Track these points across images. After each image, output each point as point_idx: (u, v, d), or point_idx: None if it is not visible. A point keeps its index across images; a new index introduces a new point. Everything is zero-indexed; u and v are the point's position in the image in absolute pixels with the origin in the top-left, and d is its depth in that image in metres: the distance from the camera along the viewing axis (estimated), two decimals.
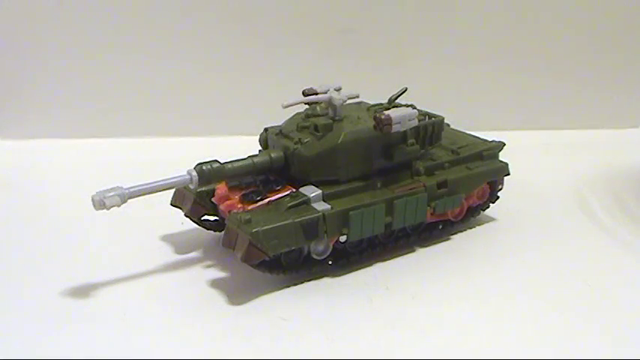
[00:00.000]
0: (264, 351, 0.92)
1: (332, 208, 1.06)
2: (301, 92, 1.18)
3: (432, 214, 1.18)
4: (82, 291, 1.06)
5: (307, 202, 1.06)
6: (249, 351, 0.92)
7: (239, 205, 1.09)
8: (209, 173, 1.05)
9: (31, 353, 0.91)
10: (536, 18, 1.88)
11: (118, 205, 0.98)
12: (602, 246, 1.24)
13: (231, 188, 1.13)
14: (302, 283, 1.09)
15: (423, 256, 1.20)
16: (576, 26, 1.90)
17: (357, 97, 1.21)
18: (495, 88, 1.94)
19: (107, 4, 1.75)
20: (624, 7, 1.89)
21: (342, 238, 1.08)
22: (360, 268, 1.14)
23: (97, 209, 0.97)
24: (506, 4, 1.86)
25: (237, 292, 1.06)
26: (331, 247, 1.09)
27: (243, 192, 1.11)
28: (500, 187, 1.32)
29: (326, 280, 1.10)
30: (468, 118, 1.56)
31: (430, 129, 1.23)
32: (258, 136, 1.24)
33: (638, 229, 1.30)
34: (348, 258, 1.13)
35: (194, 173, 1.05)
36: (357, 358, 0.91)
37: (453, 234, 1.28)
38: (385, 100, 1.26)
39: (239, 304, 1.03)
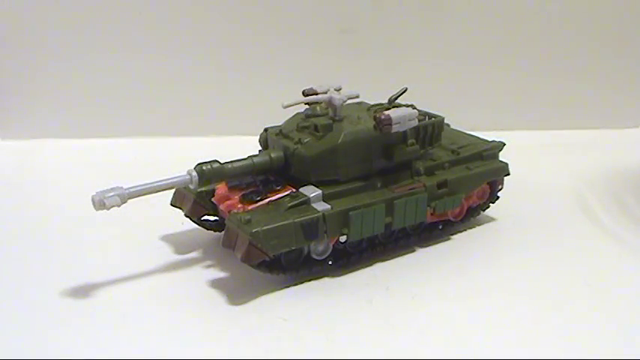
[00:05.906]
0: (264, 351, 0.92)
1: (332, 208, 1.06)
2: (301, 92, 1.18)
3: (432, 214, 1.19)
4: (82, 291, 1.06)
5: (307, 202, 1.06)
6: (249, 351, 0.92)
7: (239, 205, 1.09)
8: (209, 173, 1.05)
9: (31, 353, 0.91)
10: (537, 18, 1.88)
11: (118, 205, 0.98)
12: (602, 246, 1.24)
13: (231, 188, 1.13)
14: (302, 283, 1.09)
15: (423, 256, 1.20)
16: (576, 26, 1.90)
17: (357, 97, 1.20)
18: (495, 88, 1.94)
19: (108, 3, 1.75)
20: (624, 7, 1.89)
21: (342, 238, 1.08)
22: (360, 268, 1.14)
23: (97, 209, 0.97)
24: (507, 4, 1.86)
25: (237, 292, 1.06)
26: (331, 247, 1.09)
27: (243, 192, 1.11)
28: (500, 187, 1.32)
29: (326, 280, 1.10)
30: (468, 118, 1.56)
31: (430, 129, 1.22)
32: (258, 136, 1.24)
33: (638, 229, 1.30)
34: (348, 258, 1.13)
35: (194, 173, 1.05)
36: (357, 358, 0.91)
37: (453, 234, 1.28)
38: (385, 100, 1.26)
39: (239, 304, 1.03)
